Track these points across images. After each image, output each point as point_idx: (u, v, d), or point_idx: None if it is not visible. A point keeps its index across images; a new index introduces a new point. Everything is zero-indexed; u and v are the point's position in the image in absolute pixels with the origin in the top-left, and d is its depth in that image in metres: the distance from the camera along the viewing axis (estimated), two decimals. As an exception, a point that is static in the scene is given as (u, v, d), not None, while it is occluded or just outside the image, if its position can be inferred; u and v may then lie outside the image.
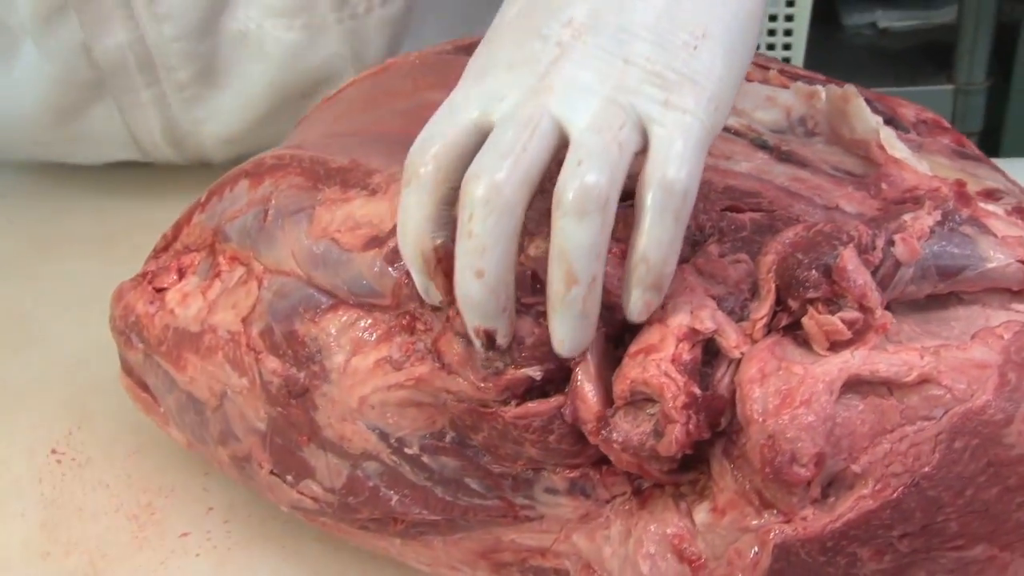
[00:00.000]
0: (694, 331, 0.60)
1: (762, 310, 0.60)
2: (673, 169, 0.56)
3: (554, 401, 0.62)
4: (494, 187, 0.56)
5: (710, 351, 0.61)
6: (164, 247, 0.81)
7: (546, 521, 0.66)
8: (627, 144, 0.57)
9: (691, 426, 0.58)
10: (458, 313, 0.60)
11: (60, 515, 0.80)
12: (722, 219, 0.66)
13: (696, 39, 0.59)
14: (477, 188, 0.56)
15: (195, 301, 0.74)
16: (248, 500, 0.81)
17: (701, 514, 0.61)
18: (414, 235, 0.59)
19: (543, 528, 0.66)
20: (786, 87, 0.77)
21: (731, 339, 0.60)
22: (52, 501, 0.82)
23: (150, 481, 0.83)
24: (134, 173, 1.19)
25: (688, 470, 0.62)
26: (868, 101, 0.74)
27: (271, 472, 0.72)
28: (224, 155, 1.16)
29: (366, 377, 0.65)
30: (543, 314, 0.60)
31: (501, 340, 0.60)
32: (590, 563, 0.65)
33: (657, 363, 0.59)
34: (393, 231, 0.64)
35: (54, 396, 0.91)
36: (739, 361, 0.60)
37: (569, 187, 0.56)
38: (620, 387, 0.60)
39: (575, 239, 0.56)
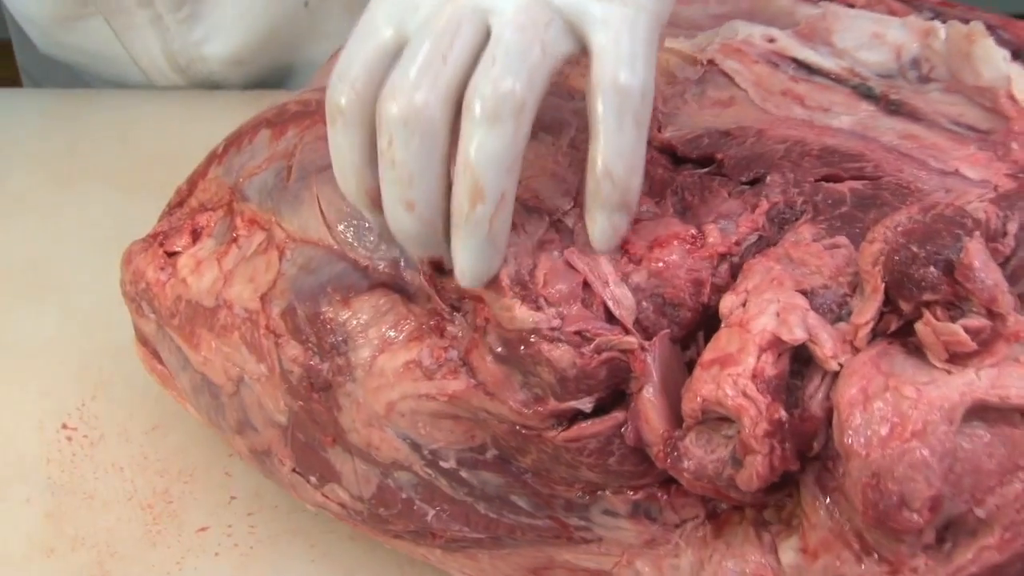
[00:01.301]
0: (780, 340, 0.51)
1: (866, 313, 0.51)
2: (625, 71, 0.50)
3: (611, 419, 0.54)
4: (412, 107, 0.50)
5: (800, 357, 0.52)
6: (178, 203, 0.73)
7: (605, 543, 0.58)
8: (552, 46, 0.51)
9: (775, 457, 0.50)
10: (486, 325, 0.54)
11: (68, 503, 0.74)
12: (817, 191, 0.57)
13: None
14: (392, 108, 0.50)
15: (209, 270, 0.67)
16: (275, 488, 0.74)
17: (788, 552, 0.53)
18: (354, 177, 0.54)
19: (602, 551, 0.59)
20: (898, 16, 0.67)
21: (827, 347, 0.51)
22: (61, 486, 0.75)
23: (168, 463, 0.77)
24: (160, 99, 1.11)
25: (773, 491, 0.54)
26: (993, 29, 0.64)
27: (293, 470, 0.65)
28: (236, 78, 1.10)
29: (394, 380, 0.57)
30: (586, 339, 0.52)
31: (448, 265, 0.55)
32: (656, 594, 0.58)
33: (734, 379, 0.50)
34: None
35: (69, 358, 0.85)
36: (836, 374, 0.51)
37: (480, 90, 0.50)
38: (690, 405, 0.52)
39: (484, 149, 0.50)
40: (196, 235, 0.69)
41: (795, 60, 0.65)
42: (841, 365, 0.51)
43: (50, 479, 0.76)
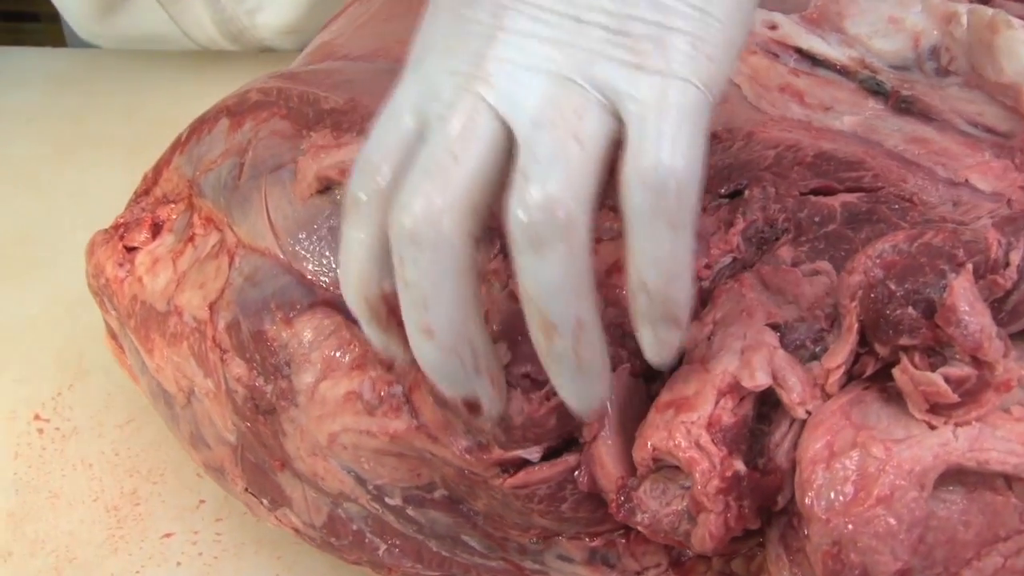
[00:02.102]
0: (740, 385, 0.46)
1: (839, 356, 0.46)
2: (661, 158, 0.43)
3: (562, 463, 0.50)
4: (418, 220, 0.43)
5: (769, 400, 0.48)
6: (144, 191, 0.70)
7: (564, 586, 0.54)
8: (591, 137, 0.43)
9: (731, 516, 0.46)
10: None
11: (32, 502, 0.72)
12: (802, 207, 0.52)
13: None
14: (401, 223, 0.44)
15: (164, 270, 0.63)
16: (245, 492, 0.71)
17: (752, 616, 0.48)
18: (357, 280, 0.47)
19: (561, 593, 0.55)
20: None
21: (794, 393, 0.47)
22: (27, 483, 0.73)
23: (139, 461, 0.74)
24: (173, 62, 1.08)
25: (742, 540, 0.50)
26: None
27: (246, 490, 0.61)
28: (290, 45, 1.08)
29: (335, 410, 0.53)
30: (535, 382, 0.48)
31: (489, 406, 0.48)
32: (617, 643, 0.54)
33: (687, 427, 0.46)
34: None
35: (50, 343, 0.82)
36: (805, 422, 0.47)
37: (517, 214, 0.43)
38: (640, 453, 0.48)
39: (540, 277, 0.43)
40: (157, 229, 0.66)
41: (798, 50, 0.60)
42: (809, 413, 0.46)
43: (16, 475, 0.73)
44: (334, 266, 0.56)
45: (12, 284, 0.87)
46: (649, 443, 0.47)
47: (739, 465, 0.46)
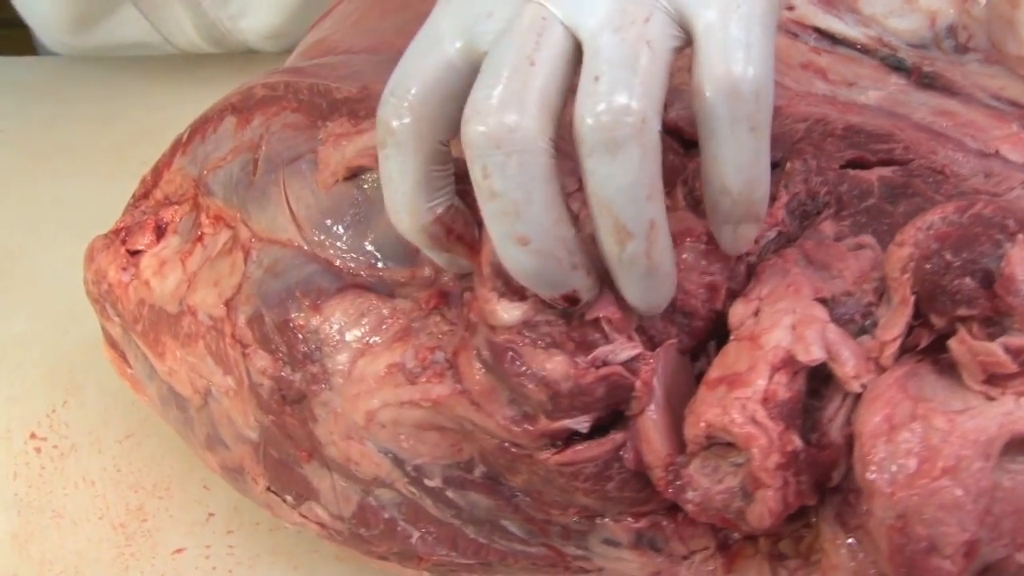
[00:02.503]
0: (795, 359, 0.46)
1: (894, 328, 0.46)
2: (737, 64, 0.43)
3: (609, 441, 0.49)
4: (503, 125, 0.43)
5: (819, 375, 0.48)
6: (143, 194, 0.69)
7: (606, 573, 0.54)
8: (661, 41, 0.44)
9: (789, 492, 0.45)
10: (477, 322, 0.48)
11: (36, 522, 0.70)
12: (842, 180, 0.52)
13: None
14: (479, 130, 0.43)
15: (173, 271, 0.62)
16: (254, 503, 0.70)
17: (807, 593, 0.48)
18: (408, 210, 0.48)
19: (603, 583, 0.54)
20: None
21: (848, 367, 0.46)
22: (28, 504, 0.71)
23: (142, 476, 0.73)
24: (147, 68, 1.06)
25: (790, 521, 0.49)
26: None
27: (268, 489, 0.60)
28: (274, 49, 1.08)
29: (375, 387, 0.53)
30: (582, 346, 0.47)
31: (587, 295, 0.47)
32: (663, 630, 0.53)
33: (743, 403, 0.46)
34: None
35: (39, 359, 0.81)
36: (859, 396, 0.46)
37: (588, 114, 0.42)
38: (693, 431, 0.47)
39: (612, 184, 0.43)
40: (160, 232, 0.65)
41: (816, 29, 0.60)
42: (864, 387, 0.46)
43: (16, 496, 0.72)
44: (366, 249, 0.55)
45: (-4, 299, 0.85)
46: (703, 420, 0.46)
47: (797, 440, 0.45)
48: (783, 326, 0.47)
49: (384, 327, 0.54)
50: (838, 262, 0.49)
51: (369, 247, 0.55)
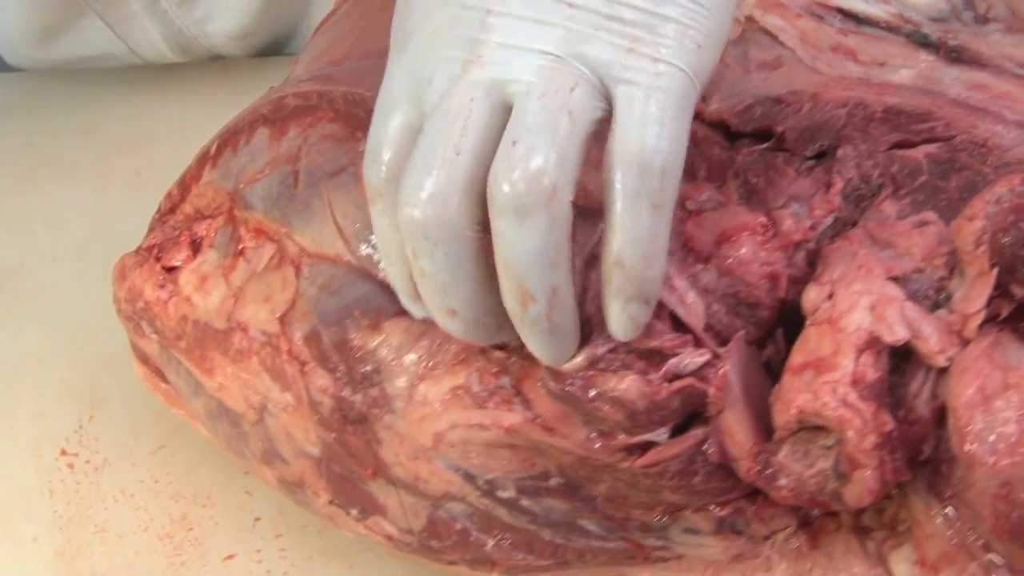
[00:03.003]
0: (879, 339, 0.46)
1: (977, 300, 0.46)
2: (647, 139, 0.43)
3: (691, 438, 0.49)
4: (429, 216, 0.44)
5: (897, 353, 0.48)
6: (170, 209, 0.67)
7: (686, 560, 0.54)
8: (582, 111, 0.44)
9: (887, 471, 0.45)
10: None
11: (79, 538, 0.69)
12: (891, 162, 0.52)
13: None
14: (410, 216, 0.44)
15: (216, 287, 0.61)
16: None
17: (902, 565, 0.49)
18: (399, 263, 0.49)
19: (682, 567, 0.54)
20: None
21: (932, 342, 0.47)
22: (68, 520, 0.70)
23: (182, 486, 0.71)
24: (121, 78, 1.04)
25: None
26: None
27: (331, 502, 0.59)
28: (240, 51, 1.05)
29: (440, 409, 0.52)
30: (651, 362, 0.47)
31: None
32: (746, 609, 0.54)
33: (833, 386, 0.46)
34: None
35: (57, 376, 0.79)
36: (943, 370, 0.47)
37: (502, 179, 0.43)
38: (783, 417, 0.47)
39: (519, 248, 0.44)
40: (196, 247, 0.64)
41: (840, 10, 0.60)
42: (949, 360, 0.46)
43: (56, 513, 0.70)
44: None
45: (4, 319, 0.83)
46: (794, 406, 0.46)
47: (890, 419, 0.46)
48: (861, 307, 0.47)
49: (443, 350, 0.53)
50: (904, 240, 0.49)
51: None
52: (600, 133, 0.45)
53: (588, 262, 0.49)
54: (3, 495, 0.71)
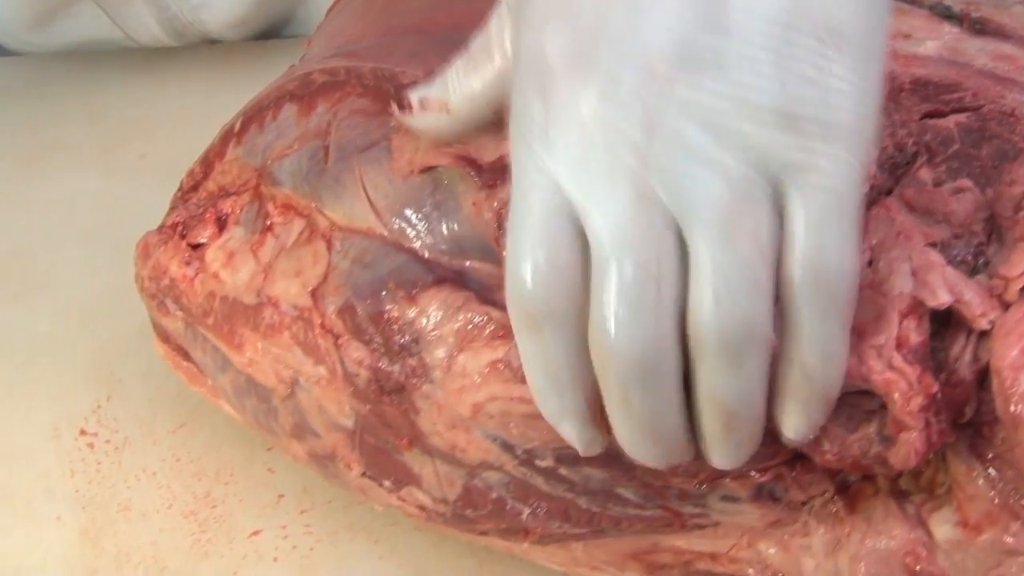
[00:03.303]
0: (922, 304, 0.46)
1: (1018, 264, 0.47)
2: (833, 256, 0.42)
3: None
4: (650, 357, 0.42)
5: (936, 317, 0.48)
6: (192, 187, 0.67)
7: (722, 527, 0.54)
8: (770, 243, 0.42)
9: (933, 432, 0.46)
10: None
11: (103, 517, 0.68)
12: (924, 131, 0.52)
13: (824, 42, 0.42)
14: (627, 357, 0.42)
15: (245, 263, 0.61)
16: (324, 482, 0.68)
17: (943, 527, 0.49)
18: (575, 389, 0.46)
19: (718, 534, 0.55)
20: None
21: (973, 305, 0.47)
22: (91, 499, 0.69)
23: (204, 464, 0.71)
24: (123, 60, 1.03)
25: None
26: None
27: (363, 474, 0.59)
28: (236, 37, 1.05)
29: (479, 382, 0.52)
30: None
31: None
32: (784, 575, 0.54)
33: (877, 351, 0.46)
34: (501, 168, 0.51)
35: (73, 358, 0.78)
36: (983, 333, 0.47)
37: (711, 328, 0.42)
38: None
39: (732, 387, 0.43)
40: (222, 224, 0.63)
41: (862, -16, 0.60)
42: (991, 323, 0.46)
43: (78, 492, 0.70)
44: (450, 242, 0.54)
45: (15, 303, 0.82)
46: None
47: (935, 381, 0.46)
48: (902, 273, 0.47)
49: (481, 323, 0.53)
50: (941, 206, 0.49)
51: (453, 240, 0.54)
52: None
53: None
54: (24, 475, 0.71)
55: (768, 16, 0.42)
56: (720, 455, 0.46)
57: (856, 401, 0.47)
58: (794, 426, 0.46)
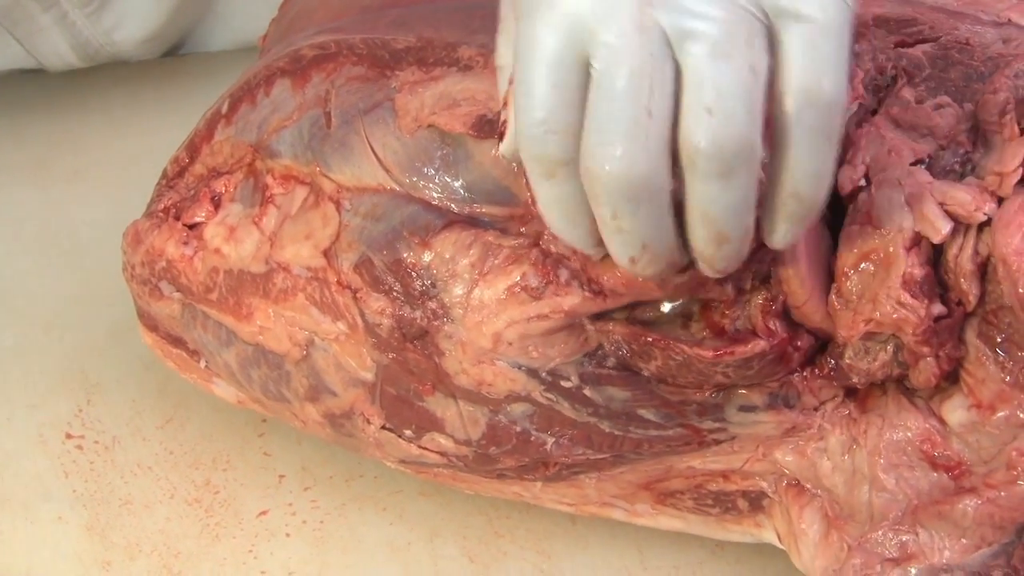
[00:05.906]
0: (922, 237, 0.54)
1: (1010, 160, 0.54)
2: (825, 80, 0.47)
3: (759, 348, 0.56)
4: (632, 178, 0.47)
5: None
6: (178, 173, 0.72)
7: (739, 441, 0.60)
8: (762, 64, 0.47)
9: (947, 351, 0.53)
10: None
11: (106, 512, 0.72)
12: (900, 56, 0.60)
13: None
14: (607, 177, 0.47)
15: (248, 235, 0.66)
16: (322, 459, 0.74)
17: (956, 412, 0.56)
18: (587, 225, 0.51)
19: (733, 449, 0.61)
20: None
21: (966, 202, 0.54)
22: (90, 497, 0.73)
23: (199, 454, 0.75)
24: (41, 80, 1.08)
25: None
26: None
27: (383, 427, 0.64)
28: (146, 54, 1.10)
29: (497, 310, 0.58)
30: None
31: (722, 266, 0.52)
32: (799, 480, 0.60)
33: (887, 292, 0.53)
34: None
35: (42, 367, 0.82)
36: (981, 226, 0.54)
37: (702, 142, 0.47)
38: (852, 331, 0.55)
39: (721, 202, 0.48)
40: (217, 202, 0.68)
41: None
42: (987, 215, 0.54)
43: (75, 491, 0.73)
44: (460, 190, 0.60)
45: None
46: (860, 320, 0.54)
47: (940, 309, 0.53)
48: (898, 205, 0.54)
49: (493, 255, 0.59)
50: (926, 121, 0.57)
51: (463, 188, 0.60)
52: None
53: None
54: (17, 480, 0.74)
55: None
56: (710, 267, 0.51)
57: (871, 335, 0.55)
58: (780, 239, 0.51)
